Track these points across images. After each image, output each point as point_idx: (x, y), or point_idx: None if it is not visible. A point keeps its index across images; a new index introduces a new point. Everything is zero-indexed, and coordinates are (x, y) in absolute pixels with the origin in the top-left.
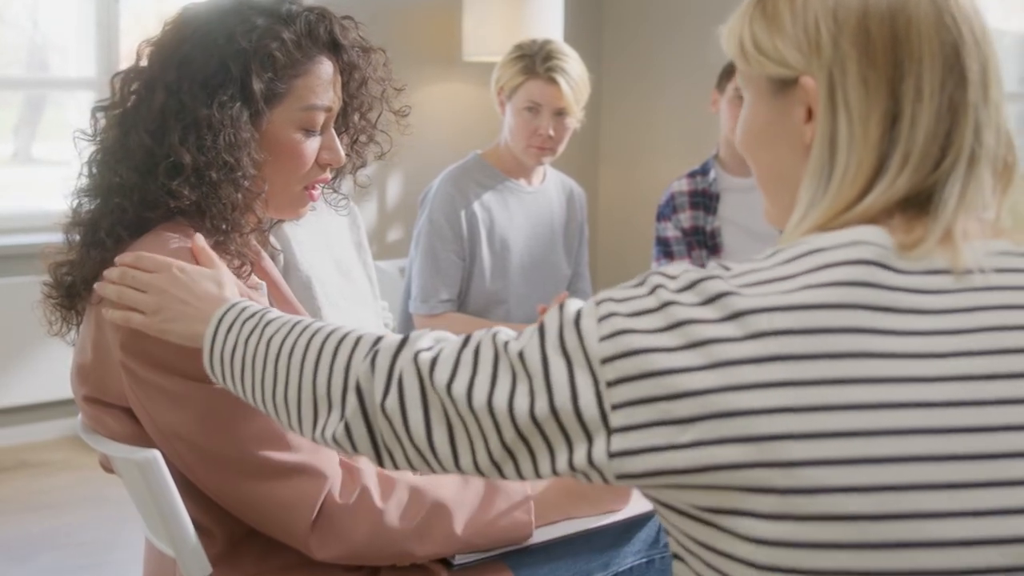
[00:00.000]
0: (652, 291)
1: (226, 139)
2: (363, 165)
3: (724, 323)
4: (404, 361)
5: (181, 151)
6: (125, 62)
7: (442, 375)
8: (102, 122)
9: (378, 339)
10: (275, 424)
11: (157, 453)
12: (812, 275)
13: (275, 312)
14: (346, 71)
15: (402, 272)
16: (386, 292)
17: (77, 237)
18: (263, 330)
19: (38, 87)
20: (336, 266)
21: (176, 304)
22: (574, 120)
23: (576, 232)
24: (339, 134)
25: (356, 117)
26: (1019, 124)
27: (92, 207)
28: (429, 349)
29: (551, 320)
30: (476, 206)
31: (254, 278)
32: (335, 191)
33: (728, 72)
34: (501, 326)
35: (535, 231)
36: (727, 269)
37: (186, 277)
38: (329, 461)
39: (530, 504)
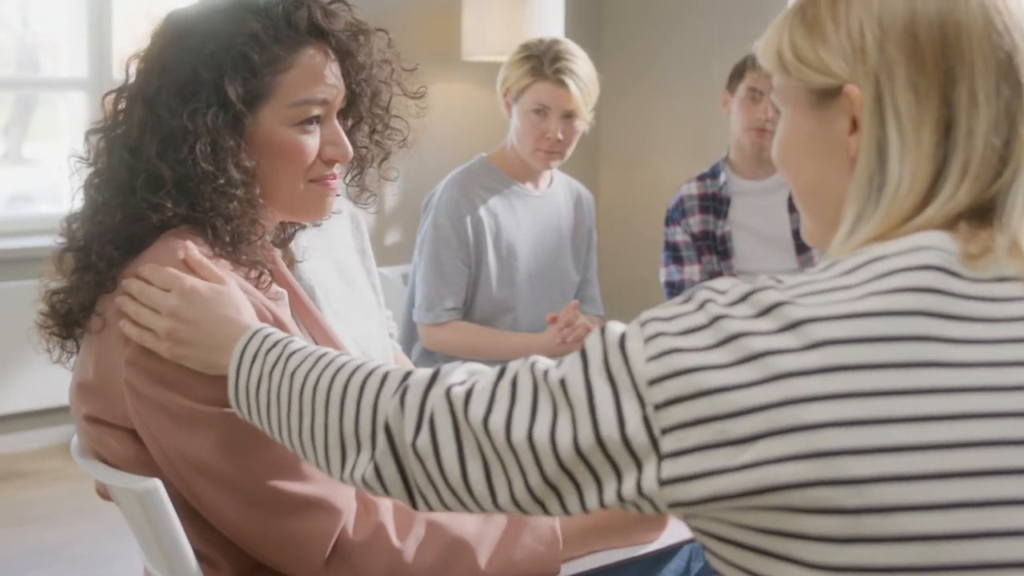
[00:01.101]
0: (701, 307)
1: (203, 148)
2: (387, 156)
3: (781, 334)
4: (435, 397)
5: (160, 165)
6: (118, 62)
7: (477, 409)
8: (100, 144)
9: (407, 375)
10: (289, 453)
11: (158, 483)
12: (875, 283)
13: (297, 342)
14: (342, 58)
15: (405, 279)
16: (388, 299)
17: (72, 263)
18: (286, 362)
19: (29, 88)
20: (339, 274)
21: (190, 328)
22: (583, 122)
23: (584, 237)
24: (354, 125)
25: (368, 105)
26: None
27: (81, 231)
28: (462, 383)
29: (593, 344)
30: (482, 211)
31: (274, 287)
32: (361, 187)
33: (739, 72)
34: (538, 356)
35: (542, 237)
36: (780, 281)
37: (199, 297)
38: (345, 494)
39: (557, 538)
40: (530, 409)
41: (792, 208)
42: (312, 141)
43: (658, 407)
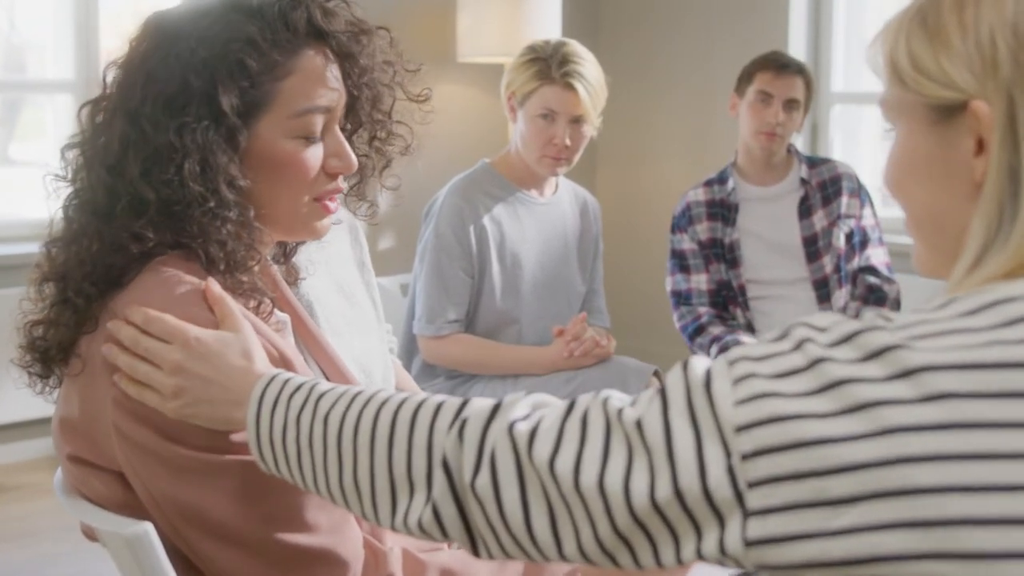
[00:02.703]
0: (798, 346)
1: (192, 168)
2: (388, 164)
3: (893, 382)
4: (497, 432)
5: (143, 187)
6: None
7: (543, 449)
8: (79, 161)
9: (463, 405)
10: (290, 501)
11: (149, 527)
12: (1004, 330)
13: (324, 383)
14: (342, 60)
15: (403, 289)
16: (386, 311)
17: (52, 293)
18: (316, 405)
19: (15, 89)
20: (338, 289)
21: (198, 384)
22: (591, 127)
23: (591, 246)
24: (353, 132)
25: (368, 110)
26: None
27: (60, 258)
28: (526, 418)
29: (674, 382)
30: (486, 219)
31: (276, 314)
32: (361, 199)
33: (748, 74)
34: (611, 390)
35: (548, 245)
36: (889, 320)
37: (206, 349)
38: (353, 545)
39: None
40: (602, 452)
41: (802, 215)
42: (315, 153)
43: (746, 457)
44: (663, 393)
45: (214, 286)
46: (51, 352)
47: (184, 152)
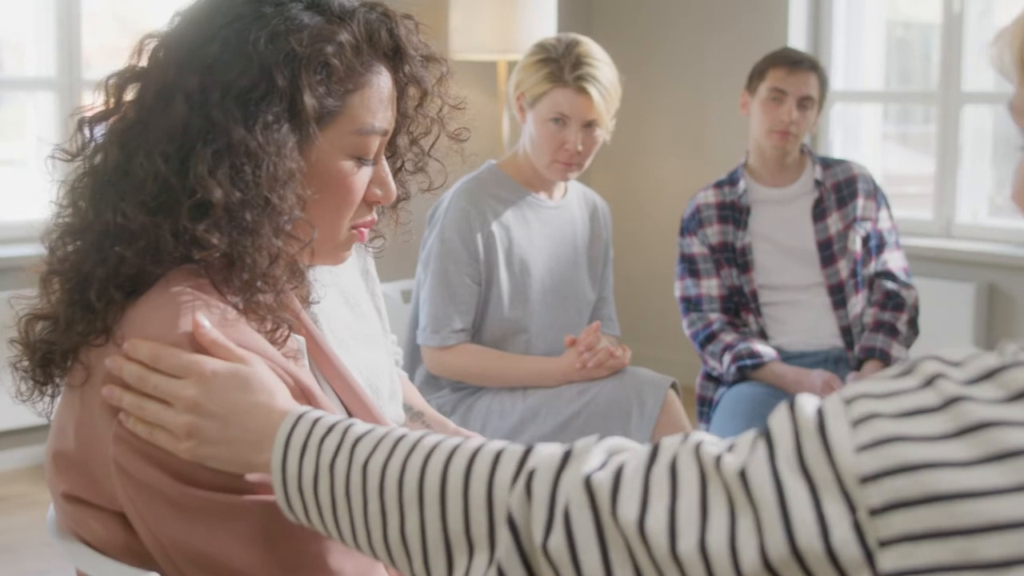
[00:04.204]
0: (929, 382)
1: (269, 170)
2: (407, 198)
3: None
4: (570, 485)
5: (211, 185)
6: (88, 62)
7: (629, 507)
8: (109, 140)
9: (526, 453)
10: (313, 545)
11: None
12: None
13: (359, 424)
14: (405, 84)
15: (405, 296)
16: (388, 320)
17: (55, 287)
18: (352, 451)
19: None
20: (344, 300)
21: (215, 423)
22: (604, 132)
23: (601, 252)
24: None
25: (407, 141)
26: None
27: (76, 252)
28: (603, 467)
29: (780, 425)
30: (494, 224)
31: (292, 339)
32: (375, 232)
33: (760, 71)
34: (701, 433)
35: (557, 251)
36: None
37: (224, 385)
38: None
39: None
40: (699, 508)
41: (816, 217)
42: (363, 178)
43: (875, 512)
44: (768, 437)
45: (205, 327)
46: (54, 356)
47: (263, 153)
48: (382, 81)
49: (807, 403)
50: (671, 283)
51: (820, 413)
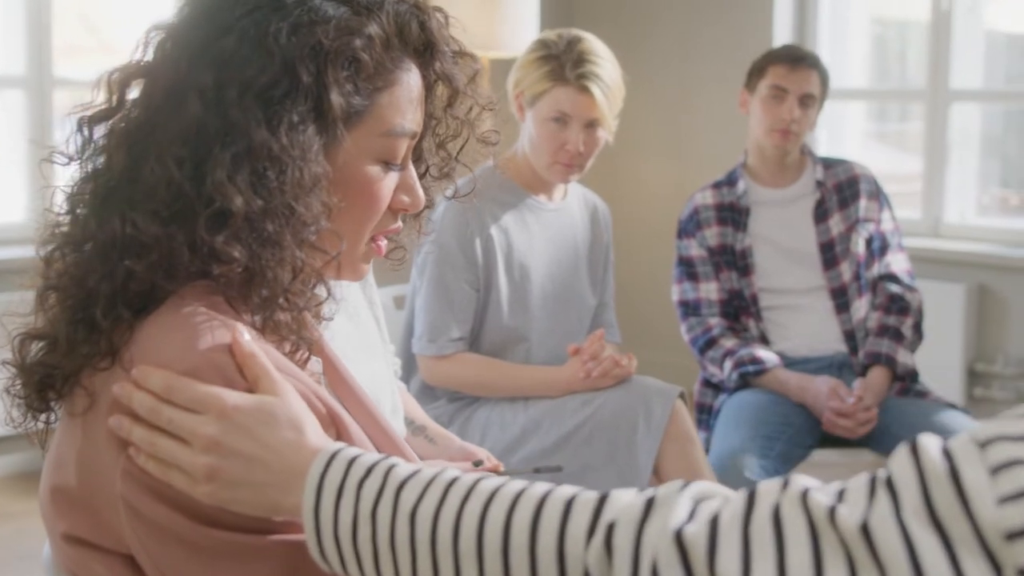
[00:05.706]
0: None
1: (294, 176)
2: (431, 206)
3: None
4: (657, 540)
5: (230, 192)
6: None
7: (729, 566)
8: (112, 143)
9: (601, 502)
10: None
11: None
12: None
13: (402, 465)
14: (435, 83)
15: (397, 302)
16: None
17: (52, 303)
18: (397, 497)
19: None
20: (342, 309)
21: (238, 464)
22: (607, 131)
23: (602, 256)
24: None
25: (432, 144)
26: (1006, 123)
27: (76, 265)
28: (692, 518)
29: (903, 472)
30: (492, 227)
31: (312, 361)
32: (396, 242)
33: (760, 68)
34: (803, 478)
35: (557, 256)
36: None
37: (248, 421)
38: None
39: None
40: (812, 565)
41: (818, 219)
42: (390, 184)
43: None
44: (890, 485)
45: (244, 339)
46: (54, 380)
47: (289, 156)
48: (412, 79)
49: (931, 444)
50: (657, 283)
51: (948, 456)
